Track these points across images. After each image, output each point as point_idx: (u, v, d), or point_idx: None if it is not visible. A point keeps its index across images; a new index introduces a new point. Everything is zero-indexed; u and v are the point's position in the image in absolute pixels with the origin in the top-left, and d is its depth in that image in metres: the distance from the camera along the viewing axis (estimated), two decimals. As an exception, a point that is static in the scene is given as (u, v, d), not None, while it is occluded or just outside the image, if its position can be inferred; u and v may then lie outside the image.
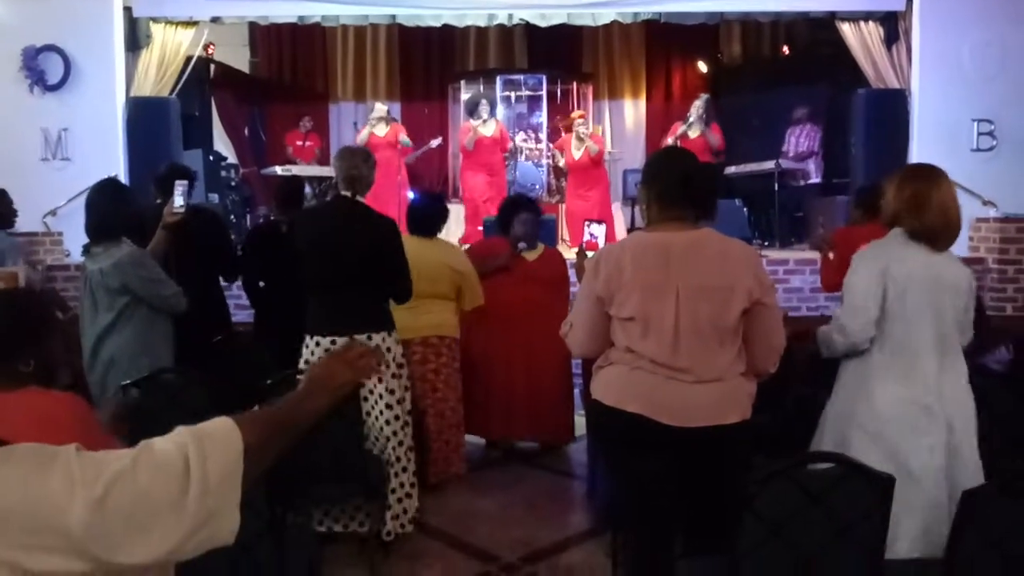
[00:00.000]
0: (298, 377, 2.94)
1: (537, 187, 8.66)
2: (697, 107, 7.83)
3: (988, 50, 6.22)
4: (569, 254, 4.77)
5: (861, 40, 6.56)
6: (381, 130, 8.09)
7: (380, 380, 3.21)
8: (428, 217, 3.96)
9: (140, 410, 2.47)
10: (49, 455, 1.03)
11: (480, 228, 7.03)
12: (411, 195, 7.62)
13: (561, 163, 8.13)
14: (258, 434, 1.15)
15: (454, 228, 7.49)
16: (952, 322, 2.35)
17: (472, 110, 8.11)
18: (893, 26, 6.48)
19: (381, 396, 3.24)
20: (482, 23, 7.08)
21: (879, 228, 2.54)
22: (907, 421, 2.26)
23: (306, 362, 3.22)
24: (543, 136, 9.26)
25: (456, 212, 7.78)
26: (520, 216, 4.37)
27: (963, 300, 2.37)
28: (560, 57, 10.04)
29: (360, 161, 3.29)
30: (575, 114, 8.23)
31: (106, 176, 4.21)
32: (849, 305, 2.40)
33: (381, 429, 3.25)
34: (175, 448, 1.09)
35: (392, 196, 7.76)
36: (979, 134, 6.33)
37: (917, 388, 2.28)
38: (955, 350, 2.36)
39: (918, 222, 2.32)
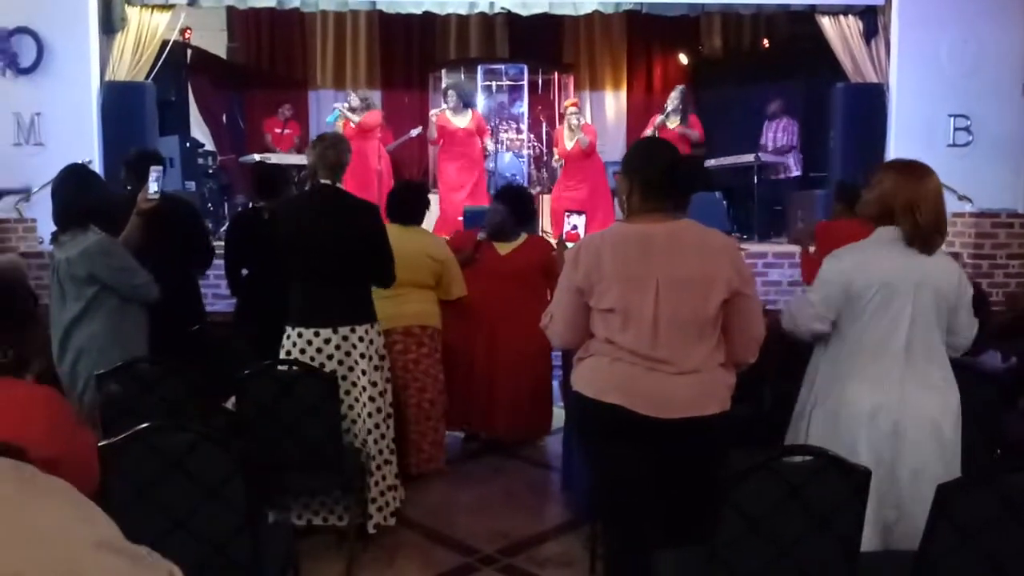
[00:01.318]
0: (281, 367, 2.92)
1: (518, 177, 8.64)
2: (673, 98, 7.84)
3: (965, 46, 6.29)
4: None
5: (840, 34, 6.60)
6: (354, 119, 7.95)
7: (363, 373, 3.19)
8: (408, 204, 3.92)
9: (116, 404, 2.43)
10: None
11: (460, 219, 7.00)
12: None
13: (556, 156, 8.10)
14: None
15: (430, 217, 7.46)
16: (933, 325, 2.29)
17: (445, 97, 8.00)
18: (872, 21, 6.53)
19: (364, 389, 3.22)
20: (463, 11, 7.04)
21: (860, 222, 2.52)
22: (870, 421, 2.24)
23: (287, 353, 3.18)
24: (524, 126, 9.23)
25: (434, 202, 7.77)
26: (491, 205, 4.36)
27: (949, 302, 2.31)
28: (541, 47, 10.00)
29: (344, 149, 3.25)
30: (567, 102, 8.16)
31: (79, 161, 4.13)
32: (808, 303, 2.40)
33: (364, 422, 3.22)
34: None
35: (371, 185, 7.69)
36: (955, 129, 6.41)
37: (884, 390, 2.25)
38: (931, 352, 2.30)
39: (911, 223, 2.25)
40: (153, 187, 3.19)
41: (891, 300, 2.27)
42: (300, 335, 3.18)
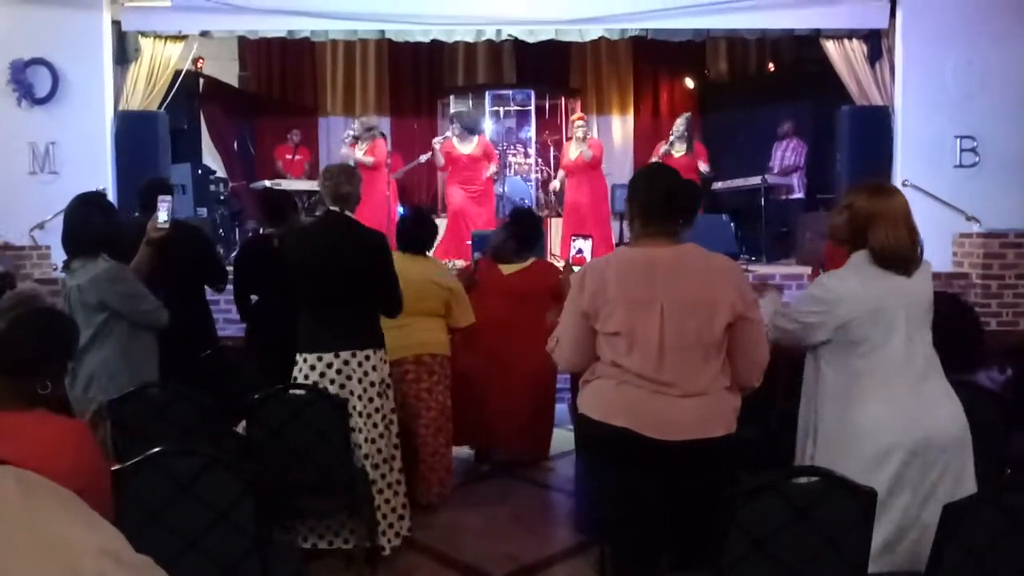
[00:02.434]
0: (291, 392, 2.94)
1: (526, 201, 8.70)
2: (679, 125, 7.90)
3: (970, 68, 6.32)
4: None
5: (845, 57, 6.64)
6: (362, 148, 8.05)
7: (359, 398, 3.21)
8: (417, 233, 3.94)
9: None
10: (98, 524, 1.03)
11: (469, 243, 7.05)
12: (401, 210, 7.64)
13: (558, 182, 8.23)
14: None
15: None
16: (928, 341, 2.29)
17: (450, 125, 8.11)
18: (876, 44, 6.57)
19: (370, 416, 3.24)
20: (470, 39, 7.13)
21: None
22: (883, 445, 2.21)
23: (306, 377, 3.20)
24: (531, 151, 9.31)
25: (441, 227, 7.87)
26: (497, 227, 4.37)
27: (930, 314, 2.31)
28: (548, 73, 10.12)
29: (350, 179, 3.30)
30: (575, 116, 8.26)
31: (93, 190, 4.20)
32: (792, 316, 2.38)
33: (366, 450, 3.23)
34: None
35: (380, 213, 7.76)
36: (962, 150, 6.42)
37: (890, 415, 2.21)
38: (933, 369, 2.29)
39: (882, 243, 2.24)
40: (163, 216, 3.23)
41: (881, 324, 2.24)
42: (305, 360, 3.22)
